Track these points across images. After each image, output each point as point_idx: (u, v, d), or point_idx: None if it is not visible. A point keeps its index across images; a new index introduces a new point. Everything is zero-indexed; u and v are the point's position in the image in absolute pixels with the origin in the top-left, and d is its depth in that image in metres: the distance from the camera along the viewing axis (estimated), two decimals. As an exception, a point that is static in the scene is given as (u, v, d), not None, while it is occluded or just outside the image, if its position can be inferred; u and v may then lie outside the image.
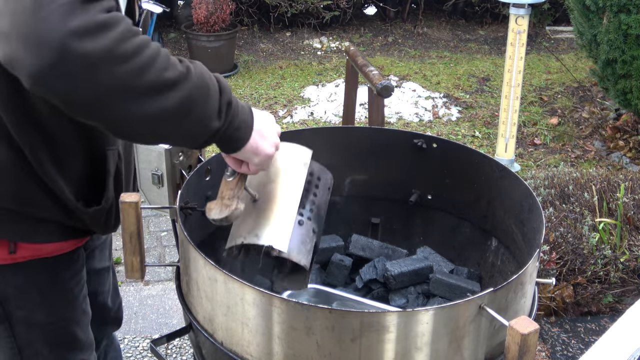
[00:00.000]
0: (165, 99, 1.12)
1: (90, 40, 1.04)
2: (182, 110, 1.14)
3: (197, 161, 1.62)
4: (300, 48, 6.64)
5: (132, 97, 1.09)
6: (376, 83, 3.07)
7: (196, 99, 1.16)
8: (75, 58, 1.03)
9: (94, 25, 1.04)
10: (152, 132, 1.15)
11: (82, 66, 1.04)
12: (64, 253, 1.56)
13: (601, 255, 2.94)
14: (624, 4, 3.96)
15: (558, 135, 4.88)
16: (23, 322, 1.59)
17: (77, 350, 1.68)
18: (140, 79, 1.08)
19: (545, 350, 2.83)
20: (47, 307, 1.59)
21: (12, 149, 1.40)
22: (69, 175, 1.46)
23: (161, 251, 3.55)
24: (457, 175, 1.81)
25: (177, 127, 1.16)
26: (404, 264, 1.76)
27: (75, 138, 1.45)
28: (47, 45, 1.03)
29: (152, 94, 1.10)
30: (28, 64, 1.04)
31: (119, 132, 1.17)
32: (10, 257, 1.50)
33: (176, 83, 1.12)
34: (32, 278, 1.55)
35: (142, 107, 1.10)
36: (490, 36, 7.02)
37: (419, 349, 1.25)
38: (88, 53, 1.04)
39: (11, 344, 1.61)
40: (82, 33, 1.03)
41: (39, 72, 1.04)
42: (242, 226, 1.40)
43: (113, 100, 1.08)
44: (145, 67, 1.09)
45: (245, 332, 1.30)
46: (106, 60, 1.05)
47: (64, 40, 1.02)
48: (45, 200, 1.46)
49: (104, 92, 1.07)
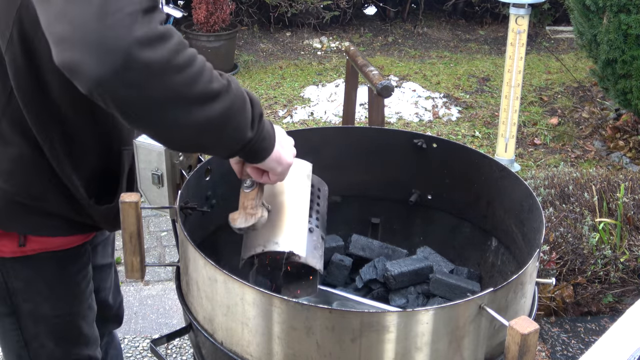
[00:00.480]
0: (210, 109, 1.16)
1: (152, 50, 1.08)
2: (224, 120, 1.19)
3: (197, 161, 1.62)
4: (300, 48, 6.64)
5: (182, 106, 1.13)
6: (376, 83, 3.07)
7: (235, 110, 1.21)
8: (138, 66, 1.07)
9: (155, 36, 1.09)
10: (195, 139, 1.19)
11: (143, 74, 1.08)
12: (71, 247, 1.60)
13: (601, 255, 2.94)
14: (624, 4, 3.96)
15: (558, 135, 4.88)
16: (30, 315, 1.62)
17: (83, 345, 1.71)
18: (191, 89, 1.13)
19: (545, 350, 2.83)
20: (54, 300, 1.62)
21: (30, 145, 1.44)
22: (84, 172, 1.50)
23: (161, 251, 3.55)
24: (457, 175, 1.81)
25: (218, 136, 1.21)
26: (404, 264, 1.76)
27: (94, 137, 1.49)
28: (113, 53, 1.06)
29: (200, 103, 1.15)
30: (92, 69, 1.06)
31: (165, 139, 1.21)
32: (20, 250, 1.53)
33: (220, 94, 1.17)
34: (40, 271, 1.58)
35: (190, 116, 1.14)
36: (490, 36, 7.02)
37: (419, 349, 1.25)
38: (150, 62, 1.07)
39: (18, 337, 1.64)
40: (145, 43, 1.07)
41: (102, 78, 1.07)
42: (259, 236, 1.44)
43: (165, 108, 1.12)
44: (195, 78, 1.13)
45: (245, 332, 1.30)
46: (164, 69, 1.09)
47: (129, 49, 1.06)
48: (57, 195, 1.50)
49: (159, 100, 1.11)
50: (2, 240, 1.53)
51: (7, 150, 1.44)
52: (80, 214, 1.54)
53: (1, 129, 1.43)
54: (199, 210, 1.58)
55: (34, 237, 1.54)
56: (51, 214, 1.52)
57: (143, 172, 1.53)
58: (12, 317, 1.62)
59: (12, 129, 1.43)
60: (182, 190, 1.50)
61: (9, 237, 1.52)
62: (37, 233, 1.53)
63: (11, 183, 1.46)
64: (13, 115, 1.41)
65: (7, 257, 1.55)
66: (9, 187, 1.46)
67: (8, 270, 1.57)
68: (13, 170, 1.46)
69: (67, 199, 1.51)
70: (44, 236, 1.54)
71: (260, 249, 1.42)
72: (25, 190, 1.47)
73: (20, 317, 1.62)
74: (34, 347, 1.65)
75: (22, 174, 1.46)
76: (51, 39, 1.11)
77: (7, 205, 1.48)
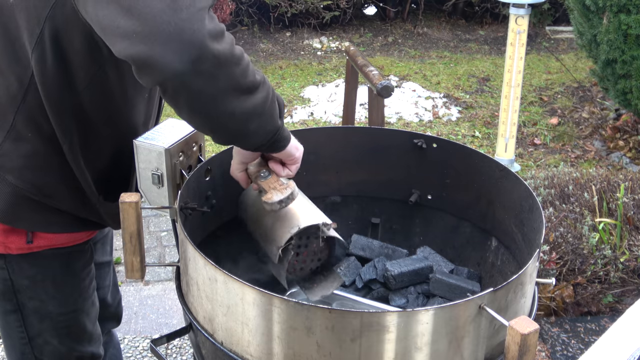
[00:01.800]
0: (255, 98, 1.25)
1: (219, 43, 1.16)
2: (265, 108, 1.28)
3: (197, 161, 1.62)
4: (300, 48, 6.64)
5: (236, 94, 1.22)
6: (376, 83, 3.07)
7: (271, 99, 1.30)
8: (211, 57, 1.14)
9: (220, 30, 1.17)
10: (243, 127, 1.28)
11: (214, 65, 1.15)
12: (76, 244, 1.61)
13: (601, 255, 2.94)
14: (624, 4, 3.96)
15: (558, 135, 4.88)
16: (35, 312, 1.63)
17: (85, 341, 1.72)
18: (245, 79, 1.22)
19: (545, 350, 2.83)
20: (59, 297, 1.63)
21: (44, 141, 1.46)
22: (97, 168, 1.53)
23: (161, 251, 3.55)
24: (457, 175, 1.81)
25: (260, 124, 1.29)
26: (404, 264, 1.76)
27: (111, 135, 1.51)
28: (190, 45, 1.12)
29: (250, 92, 1.24)
30: (169, 61, 1.12)
31: (219, 128, 1.28)
32: (27, 247, 1.55)
33: (261, 84, 1.26)
34: (46, 269, 1.59)
35: (243, 104, 1.23)
36: (490, 36, 7.02)
37: (419, 349, 1.25)
38: (219, 54, 1.15)
39: (22, 333, 1.65)
40: (214, 36, 1.15)
41: (180, 69, 1.13)
42: (284, 224, 1.47)
43: (225, 97, 1.21)
44: (246, 69, 1.22)
45: (245, 332, 1.30)
46: (228, 61, 1.18)
47: (203, 41, 1.13)
48: (67, 192, 1.52)
49: (223, 89, 1.19)
50: (10, 237, 1.53)
51: (20, 146, 1.45)
52: (86, 210, 1.56)
53: (15, 125, 1.44)
54: (199, 210, 1.58)
55: (42, 234, 1.55)
56: (60, 210, 1.53)
57: (143, 172, 1.53)
58: (17, 314, 1.63)
59: (26, 126, 1.43)
60: (182, 190, 1.50)
61: (16, 233, 1.53)
62: (46, 230, 1.54)
63: (23, 179, 1.47)
64: (28, 111, 1.42)
65: (13, 254, 1.56)
66: (20, 183, 1.47)
67: (14, 268, 1.58)
68: (25, 167, 1.47)
69: (77, 195, 1.52)
70: (52, 233, 1.55)
71: (296, 229, 1.45)
72: (36, 187, 1.49)
73: (25, 314, 1.63)
74: (38, 343, 1.66)
75: (34, 170, 1.47)
76: (115, 32, 1.15)
77: (18, 202, 1.49)
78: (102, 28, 1.18)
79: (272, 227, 1.49)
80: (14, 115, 1.43)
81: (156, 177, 1.51)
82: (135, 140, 1.51)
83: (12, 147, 1.45)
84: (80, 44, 1.35)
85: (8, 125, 1.44)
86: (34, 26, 1.34)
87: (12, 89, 1.41)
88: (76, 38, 1.34)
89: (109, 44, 1.19)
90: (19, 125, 1.43)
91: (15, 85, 1.40)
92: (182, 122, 1.59)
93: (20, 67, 1.38)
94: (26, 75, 1.39)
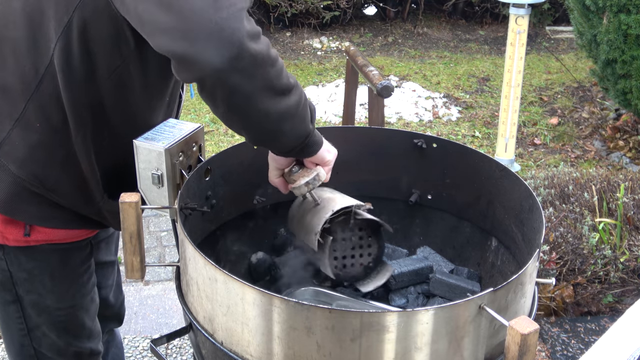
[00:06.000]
0: (289, 100, 1.29)
1: (256, 43, 1.20)
2: (297, 111, 1.31)
3: (197, 161, 1.62)
4: (300, 48, 6.64)
5: (271, 94, 1.25)
6: (376, 83, 3.07)
7: (304, 104, 1.34)
8: (249, 56, 1.18)
9: (257, 32, 1.21)
10: (276, 128, 1.31)
11: (251, 64, 1.19)
12: (75, 241, 1.60)
13: (601, 255, 2.94)
14: (624, 4, 3.96)
15: (558, 135, 4.88)
16: (33, 306, 1.63)
17: (84, 337, 1.72)
18: (279, 80, 1.26)
19: (545, 350, 2.83)
20: (57, 293, 1.63)
21: (52, 132, 1.46)
22: (106, 165, 1.53)
23: (161, 251, 3.55)
24: (457, 175, 1.81)
25: (293, 125, 1.32)
26: (404, 264, 1.76)
27: (125, 133, 1.51)
28: (231, 43, 1.15)
29: (284, 94, 1.27)
30: (210, 58, 1.15)
31: (253, 127, 1.32)
32: (24, 240, 1.54)
33: (294, 87, 1.30)
34: (44, 263, 1.59)
35: (276, 105, 1.26)
36: (490, 36, 7.02)
37: (419, 349, 1.25)
38: (256, 53, 1.19)
39: (21, 325, 1.65)
40: (252, 36, 1.19)
41: (219, 66, 1.16)
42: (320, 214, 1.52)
43: (260, 96, 1.24)
44: (280, 71, 1.26)
45: (245, 332, 1.30)
46: (265, 61, 1.21)
47: (243, 40, 1.17)
48: (70, 187, 1.52)
49: (258, 87, 1.22)
50: (7, 228, 1.53)
51: (27, 136, 1.45)
52: (89, 208, 1.55)
53: (26, 114, 1.43)
54: (199, 210, 1.58)
55: (39, 228, 1.54)
56: (60, 205, 1.53)
57: (143, 172, 1.53)
58: (16, 305, 1.63)
59: (36, 115, 1.43)
60: (182, 190, 1.50)
61: (14, 225, 1.53)
62: (44, 224, 1.54)
63: (26, 170, 1.47)
64: (40, 101, 1.42)
65: (10, 246, 1.55)
66: (22, 174, 1.47)
67: (12, 260, 1.58)
68: (30, 157, 1.46)
69: (79, 191, 1.52)
70: (50, 227, 1.55)
71: (329, 212, 1.49)
72: (38, 179, 1.48)
73: (24, 306, 1.63)
74: (36, 336, 1.66)
75: (38, 161, 1.47)
76: (155, 27, 1.18)
77: (19, 193, 1.49)
78: (142, 22, 1.21)
79: (310, 221, 1.54)
80: (25, 104, 1.42)
81: (156, 177, 1.51)
82: (135, 140, 1.50)
83: (19, 136, 1.45)
84: (107, 35, 1.36)
85: (18, 113, 1.43)
86: (62, 15, 1.35)
87: (27, 76, 1.41)
88: (104, 29, 1.35)
89: (147, 38, 1.22)
90: (29, 114, 1.43)
91: (31, 73, 1.40)
92: (182, 122, 1.59)
93: (38, 55, 1.39)
94: (43, 64, 1.39)
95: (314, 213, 1.54)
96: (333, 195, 1.58)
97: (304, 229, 1.57)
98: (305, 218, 1.56)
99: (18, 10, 1.38)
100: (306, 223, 1.56)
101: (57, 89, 1.40)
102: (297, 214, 1.61)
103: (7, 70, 1.41)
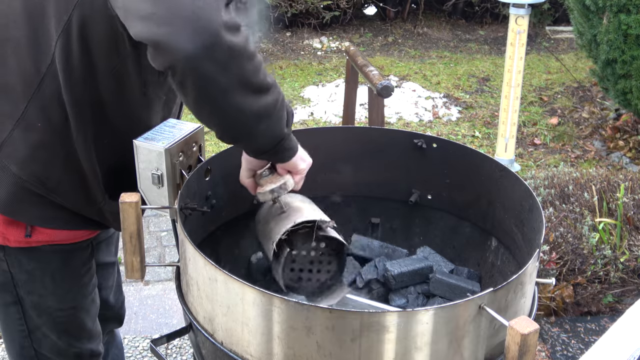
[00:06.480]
0: (265, 99, 1.26)
1: (233, 35, 1.18)
2: (273, 111, 1.28)
3: (197, 161, 1.62)
4: (300, 48, 6.64)
5: (246, 91, 1.23)
6: (376, 83, 3.07)
7: (280, 105, 1.31)
8: (223, 47, 1.16)
9: (236, 24, 1.19)
10: (250, 126, 1.28)
11: (227, 55, 1.17)
12: (76, 242, 1.60)
13: (601, 255, 2.94)
14: (624, 4, 3.96)
15: (558, 135, 4.88)
16: (34, 307, 1.63)
17: (85, 338, 1.71)
18: (256, 77, 1.23)
19: (545, 350, 2.83)
20: (58, 294, 1.63)
21: (53, 132, 1.46)
22: (107, 165, 1.53)
23: (161, 251, 3.55)
24: (457, 175, 1.81)
25: (267, 125, 1.30)
26: (404, 264, 1.76)
27: (126, 132, 1.51)
28: (205, 31, 1.15)
29: (260, 92, 1.25)
30: (183, 44, 1.14)
31: (225, 123, 1.29)
32: (25, 241, 1.54)
33: (272, 87, 1.28)
34: (45, 264, 1.59)
35: (251, 102, 1.24)
36: (490, 36, 7.02)
37: (419, 349, 1.25)
38: (232, 45, 1.17)
39: (22, 326, 1.65)
40: (230, 27, 1.17)
41: (192, 53, 1.15)
42: (283, 223, 1.49)
43: (234, 91, 1.21)
44: (259, 67, 1.24)
45: (245, 332, 1.30)
46: (241, 54, 1.19)
47: (218, 30, 1.15)
48: (71, 188, 1.52)
49: (232, 81, 1.20)
50: (8, 229, 1.53)
51: (28, 136, 1.45)
52: (90, 209, 1.55)
53: (27, 114, 1.43)
54: (199, 210, 1.58)
55: (41, 229, 1.54)
56: (62, 206, 1.53)
57: (143, 172, 1.52)
58: (16, 306, 1.63)
59: (37, 114, 1.43)
60: (182, 190, 1.50)
61: (16, 226, 1.53)
62: (45, 224, 1.54)
63: (27, 171, 1.47)
64: (42, 100, 1.42)
65: (11, 247, 1.55)
66: (23, 175, 1.47)
67: (12, 261, 1.57)
68: (30, 157, 1.46)
69: (81, 192, 1.52)
70: (51, 228, 1.55)
71: (291, 223, 1.45)
72: (39, 179, 1.48)
73: (25, 307, 1.63)
74: (37, 337, 1.66)
75: (39, 162, 1.47)
76: (135, 15, 1.18)
77: (19, 193, 1.48)
78: (125, 12, 1.21)
79: (273, 228, 1.50)
80: (26, 104, 1.42)
81: (156, 177, 1.51)
82: (135, 140, 1.50)
83: (20, 136, 1.45)
84: (105, 34, 1.37)
85: (19, 113, 1.43)
86: (62, 13, 1.35)
87: (29, 76, 1.41)
88: (102, 28, 1.36)
89: (128, 28, 1.21)
90: (30, 115, 1.43)
91: (33, 73, 1.40)
92: (182, 122, 1.59)
93: (40, 54, 1.39)
94: (45, 63, 1.39)
95: (277, 221, 1.50)
96: (302, 205, 1.54)
97: (266, 235, 1.54)
98: (269, 224, 1.53)
99: (18, 9, 1.38)
100: (268, 229, 1.53)
101: (58, 88, 1.40)
102: (263, 219, 1.58)
103: (9, 71, 1.41)
